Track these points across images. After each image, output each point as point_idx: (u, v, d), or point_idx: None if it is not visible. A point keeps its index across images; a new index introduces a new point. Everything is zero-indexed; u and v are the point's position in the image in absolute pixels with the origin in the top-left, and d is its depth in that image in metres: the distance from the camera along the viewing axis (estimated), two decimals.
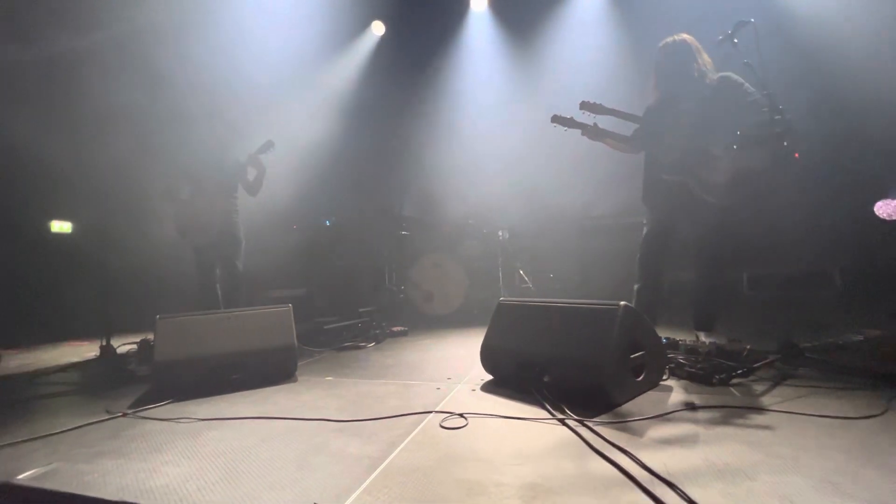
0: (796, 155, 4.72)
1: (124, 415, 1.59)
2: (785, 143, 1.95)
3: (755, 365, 1.73)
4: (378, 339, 3.00)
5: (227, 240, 3.18)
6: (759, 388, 1.60)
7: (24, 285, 3.82)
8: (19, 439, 1.36)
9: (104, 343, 2.56)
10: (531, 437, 1.25)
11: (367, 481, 1.00)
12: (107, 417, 1.56)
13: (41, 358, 2.90)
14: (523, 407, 1.49)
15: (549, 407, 1.44)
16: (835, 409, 1.35)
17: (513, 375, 1.74)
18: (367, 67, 7.11)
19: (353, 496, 0.93)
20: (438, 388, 1.78)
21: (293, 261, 5.91)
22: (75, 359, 2.52)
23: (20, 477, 1.08)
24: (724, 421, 1.33)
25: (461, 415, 1.42)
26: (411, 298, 4.38)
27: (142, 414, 1.60)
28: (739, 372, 1.67)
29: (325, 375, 2.11)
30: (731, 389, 1.60)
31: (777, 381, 1.66)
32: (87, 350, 2.83)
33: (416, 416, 1.43)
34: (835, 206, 4.54)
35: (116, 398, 1.86)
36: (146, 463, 1.18)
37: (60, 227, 4.40)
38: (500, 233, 5.10)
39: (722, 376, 1.64)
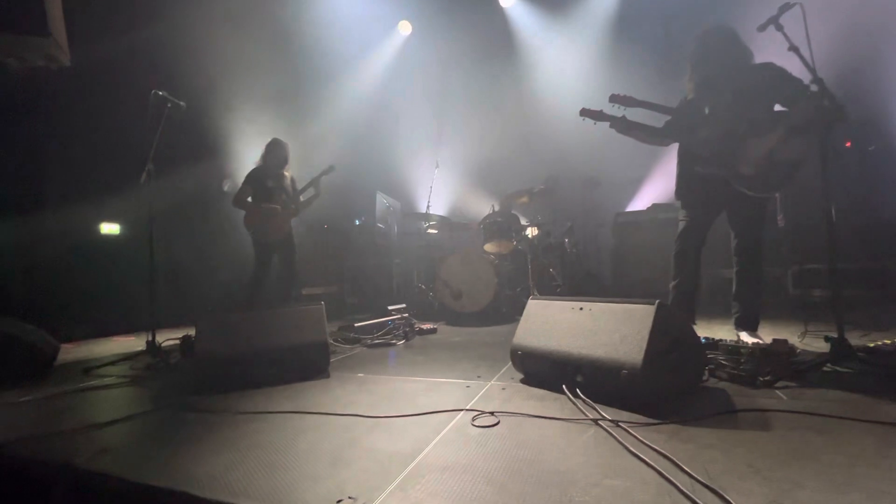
0: (848, 144, 4.46)
1: (169, 406, 1.66)
2: (834, 131, 1.83)
3: (803, 367, 1.64)
4: (408, 337, 3.02)
5: (288, 243, 3.80)
6: (807, 391, 1.52)
7: (77, 284, 4.07)
8: (74, 427, 1.45)
9: (150, 338, 2.69)
10: (564, 437, 1.23)
11: (400, 477, 1.01)
12: (153, 408, 1.64)
13: (93, 351, 3.08)
14: (555, 407, 1.47)
15: (581, 407, 1.41)
16: (891, 416, 1.26)
17: (544, 375, 1.72)
18: (395, 66, 7.16)
19: (387, 491, 0.94)
20: (468, 386, 1.78)
21: (325, 259, 6.04)
22: (124, 353, 2.67)
23: (76, 461, 1.15)
24: (769, 425, 1.26)
25: (492, 413, 1.41)
26: (440, 296, 4.40)
27: (184, 406, 1.67)
28: (786, 374, 1.59)
29: (357, 372, 2.14)
30: (777, 392, 1.52)
31: (827, 385, 1.57)
32: (135, 344, 2.99)
33: (446, 413, 1.43)
34: (891, 199, 4.25)
35: (161, 390, 1.96)
36: (190, 452, 1.23)
37: (109, 229, 4.66)
38: (528, 230, 5.05)
39: (767, 378, 1.57)
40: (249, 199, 3.73)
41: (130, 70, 4.15)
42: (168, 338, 2.88)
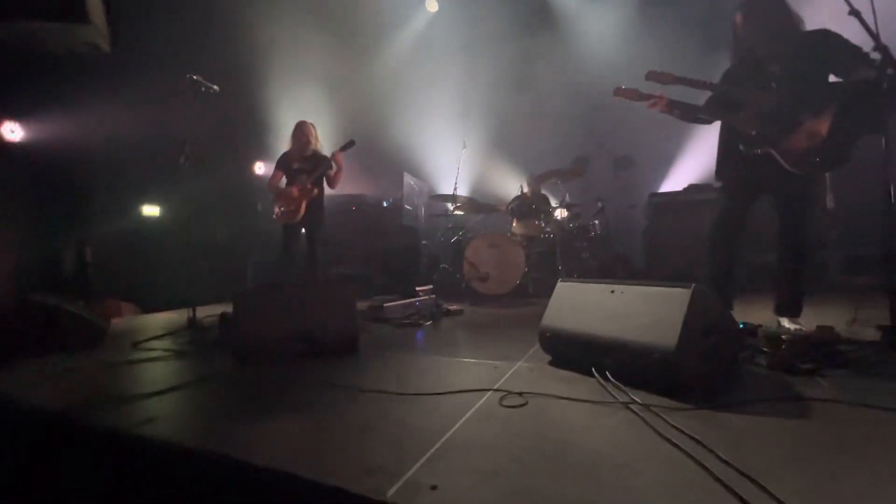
0: None
1: (211, 378, 1.75)
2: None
3: (849, 355, 1.56)
4: (435, 318, 3.05)
5: (315, 223, 3.87)
6: (852, 381, 1.45)
7: (122, 264, 4.31)
8: (123, 395, 1.55)
9: (191, 315, 2.83)
10: (593, 419, 1.22)
11: (430, 452, 1.03)
12: (195, 380, 1.74)
13: (139, 326, 3.27)
14: (584, 389, 1.45)
15: (611, 390, 1.40)
16: None
17: (573, 357, 1.71)
18: (422, 45, 7.05)
19: (416, 467, 0.97)
20: (496, 367, 1.79)
21: (353, 240, 6.14)
22: (168, 328, 2.82)
23: (124, 427, 1.23)
24: (808, 415, 1.22)
25: (520, 394, 1.41)
26: (468, 278, 4.40)
27: (224, 379, 1.76)
28: (830, 362, 1.51)
29: (385, 350, 2.19)
30: (820, 380, 1.45)
31: (875, 374, 1.49)
32: (178, 320, 3.15)
33: (474, 393, 1.45)
34: None
35: (203, 362, 2.07)
36: (229, 420, 1.31)
37: (150, 211, 4.87)
38: (558, 211, 4.95)
39: (809, 366, 1.50)
40: (282, 183, 3.85)
41: (169, 54, 4.26)
42: (207, 314, 3.02)
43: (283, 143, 4.10)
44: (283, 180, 3.87)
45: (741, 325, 1.84)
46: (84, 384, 1.75)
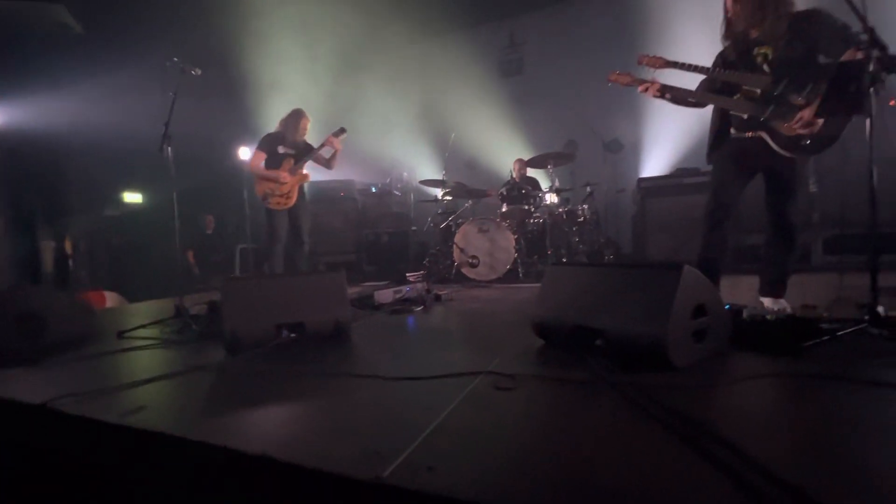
0: (893, 102, 4.19)
1: (201, 367, 1.73)
2: (884, 86, 1.70)
3: (831, 332, 1.60)
4: (426, 304, 3.05)
5: (304, 209, 3.85)
6: (836, 357, 1.48)
7: (105, 253, 4.21)
8: (111, 386, 1.52)
9: (179, 303, 2.79)
10: (583, 400, 1.24)
11: (424, 435, 1.03)
12: (186, 369, 1.72)
13: (126, 315, 3.22)
14: (576, 371, 1.47)
15: (602, 371, 1.41)
16: None
17: (564, 339, 1.72)
18: (409, 28, 6.90)
19: (409, 449, 0.97)
20: (488, 350, 1.79)
21: (342, 227, 6.08)
22: (155, 317, 2.78)
23: (113, 417, 1.21)
24: (796, 390, 1.25)
25: (512, 376, 1.42)
26: (459, 264, 4.40)
27: (214, 367, 1.74)
28: (812, 341, 1.55)
29: (377, 337, 2.19)
30: (806, 359, 1.49)
31: (858, 351, 1.53)
32: (165, 308, 3.10)
33: (467, 376, 1.45)
34: None
35: (192, 351, 2.04)
36: (221, 409, 1.29)
37: (132, 198, 4.76)
38: (547, 196, 4.96)
39: (794, 344, 1.53)
40: (262, 164, 3.76)
41: (148, 37, 4.11)
42: (195, 302, 2.97)
43: (266, 126, 4.05)
44: (263, 163, 3.79)
45: (727, 307, 1.87)
46: (69, 375, 1.72)
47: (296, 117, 3.86)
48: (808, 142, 2.00)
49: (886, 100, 3.87)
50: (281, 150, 3.78)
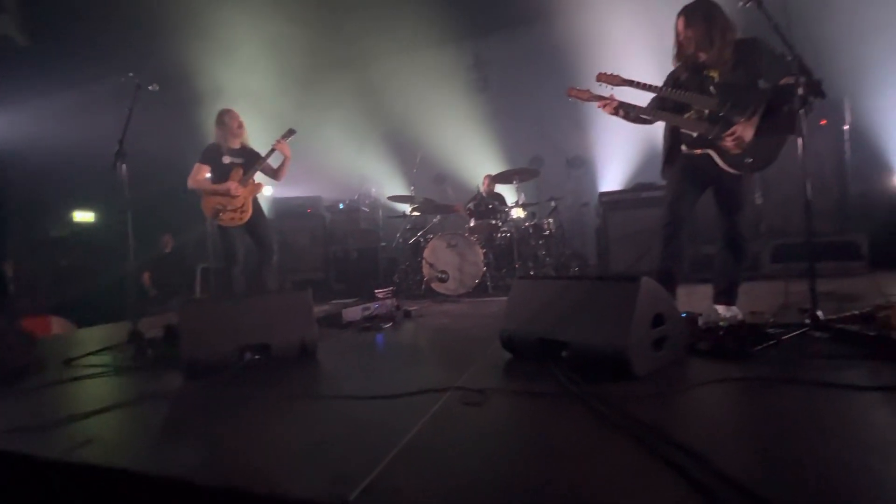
0: (823, 122, 4.55)
1: (155, 395, 1.65)
2: (812, 109, 1.86)
3: (778, 337, 1.70)
4: (396, 320, 3.03)
5: (263, 223, 3.48)
6: (782, 361, 1.58)
7: (53, 274, 3.96)
8: (55, 420, 1.42)
9: (133, 328, 2.64)
10: (551, 412, 1.26)
11: (391, 455, 1.02)
12: (138, 397, 1.62)
13: (75, 341, 3.02)
14: (542, 383, 1.49)
15: (567, 383, 1.44)
16: (867, 380, 1.32)
17: (532, 352, 1.75)
18: (374, 47, 6.97)
19: (376, 471, 0.95)
20: (457, 366, 1.79)
21: (309, 244, 5.97)
22: (106, 343, 2.62)
23: (58, 454, 1.13)
24: (747, 393, 1.31)
25: (481, 391, 1.43)
26: (427, 279, 4.40)
27: (170, 396, 1.65)
28: (761, 345, 1.64)
29: (345, 356, 2.15)
30: (755, 363, 1.57)
31: (801, 354, 1.63)
32: (118, 333, 2.93)
33: (435, 392, 1.44)
34: (863, 175, 4.37)
35: (146, 378, 1.94)
36: (177, 439, 1.23)
37: (83, 217, 4.51)
38: (514, 211, 5.06)
39: (744, 349, 1.62)
40: (207, 178, 3.40)
41: (103, 51, 3.96)
42: (151, 326, 2.83)
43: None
44: (209, 176, 3.41)
45: (683, 315, 1.96)
46: (6, 409, 1.59)
47: (228, 116, 3.43)
48: (751, 160, 2.15)
49: (818, 120, 4.22)
50: (226, 160, 3.40)
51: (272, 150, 3.46)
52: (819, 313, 1.79)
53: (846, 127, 4.29)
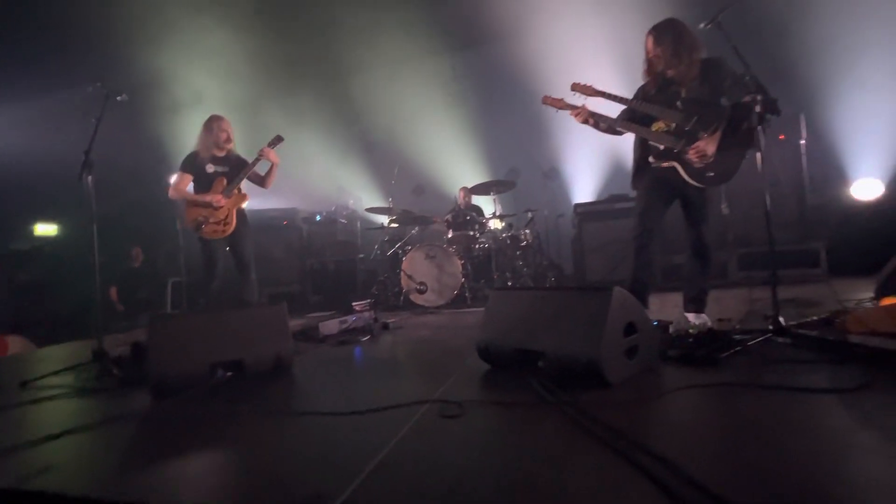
0: (781, 137, 4.79)
1: (119, 416, 1.58)
2: (769, 125, 1.96)
3: (743, 343, 1.76)
4: (374, 333, 3.00)
5: (245, 237, 3.33)
6: (747, 366, 1.64)
7: (14, 289, 3.77)
8: (8, 446, 1.35)
9: (97, 346, 2.53)
10: (528, 422, 1.27)
11: (367, 471, 1.01)
12: (101, 420, 1.55)
13: (33, 361, 2.87)
14: (520, 393, 1.50)
15: (544, 392, 1.46)
16: (829, 382, 1.39)
17: (509, 362, 1.76)
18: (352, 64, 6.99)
19: (353, 487, 0.94)
20: (435, 378, 1.79)
21: (286, 257, 5.88)
22: (68, 362, 2.50)
23: (13, 482, 1.07)
24: (715, 398, 1.36)
25: (459, 403, 1.43)
26: (406, 290, 4.39)
27: (138, 416, 1.59)
28: (728, 351, 1.70)
29: (322, 370, 2.11)
30: (722, 368, 1.63)
31: (766, 359, 1.70)
32: (81, 352, 2.80)
33: (413, 405, 1.44)
34: (820, 186, 4.62)
35: (111, 400, 1.86)
36: (144, 462, 1.18)
37: (45, 230, 4.33)
38: (492, 222, 5.11)
39: (712, 356, 1.67)
40: (190, 189, 3.23)
41: (69, 61, 3.84)
42: (117, 344, 2.72)
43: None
44: (191, 186, 3.24)
45: (655, 323, 2.01)
46: None
47: (215, 124, 3.23)
48: (712, 174, 2.25)
49: (776, 135, 4.44)
50: (210, 168, 3.23)
51: (258, 158, 3.30)
52: (781, 319, 1.87)
53: (802, 141, 4.52)
